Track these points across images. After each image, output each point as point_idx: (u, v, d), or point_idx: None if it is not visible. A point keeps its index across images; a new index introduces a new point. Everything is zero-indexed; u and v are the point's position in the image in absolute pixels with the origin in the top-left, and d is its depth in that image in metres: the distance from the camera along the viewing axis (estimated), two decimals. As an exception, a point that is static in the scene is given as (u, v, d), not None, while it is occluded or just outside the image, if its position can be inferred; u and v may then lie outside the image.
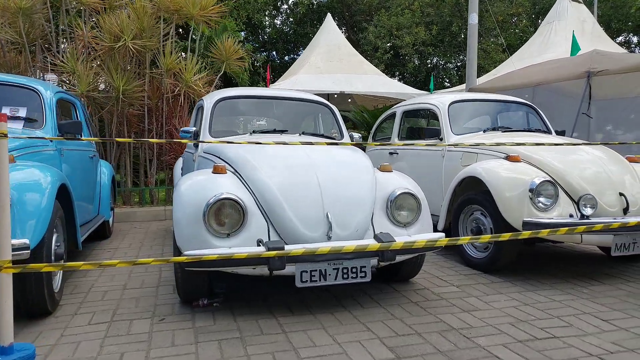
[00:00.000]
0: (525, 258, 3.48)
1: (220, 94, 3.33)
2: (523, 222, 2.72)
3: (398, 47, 20.06)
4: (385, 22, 20.34)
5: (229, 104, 3.29)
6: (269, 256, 1.89)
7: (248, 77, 15.26)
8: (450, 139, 3.72)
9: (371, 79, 13.40)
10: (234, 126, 3.29)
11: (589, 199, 2.70)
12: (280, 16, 24.77)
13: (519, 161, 3.02)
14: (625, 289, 2.72)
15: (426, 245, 2.06)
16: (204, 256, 1.75)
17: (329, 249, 1.85)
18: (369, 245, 1.93)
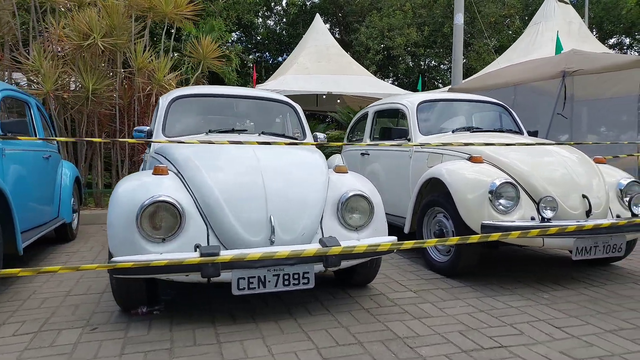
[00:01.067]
0: (492, 261, 3.39)
1: (177, 92, 3.23)
2: (481, 225, 2.64)
3: (390, 48, 20.04)
4: (377, 23, 20.31)
5: (185, 103, 3.18)
6: (192, 263, 1.79)
7: (236, 77, 15.16)
8: (417, 140, 3.64)
9: (360, 80, 13.34)
10: (190, 125, 3.18)
11: (549, 202, 2.61)
12: (273, 17, 24.69)
13: (481, 162, 2.94)
14: (587, 294, 2.64)
15: (367, 250, 1.97)
16: (118, 264, 1.64)
17: (259, 255, 1.76)
18: (305, 250, 1.83)
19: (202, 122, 3.14)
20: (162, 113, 3.06)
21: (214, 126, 3.10)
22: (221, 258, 1.78)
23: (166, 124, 3.03)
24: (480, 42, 20.99)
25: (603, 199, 2.79)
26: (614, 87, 4.92)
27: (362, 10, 23.33)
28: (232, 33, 23.77)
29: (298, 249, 1.90)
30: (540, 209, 2.60)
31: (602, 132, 5.54)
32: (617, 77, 4.90)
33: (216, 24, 14.31)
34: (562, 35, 11.08)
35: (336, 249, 1.89)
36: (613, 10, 21.91)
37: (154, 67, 5.55)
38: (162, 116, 3.05)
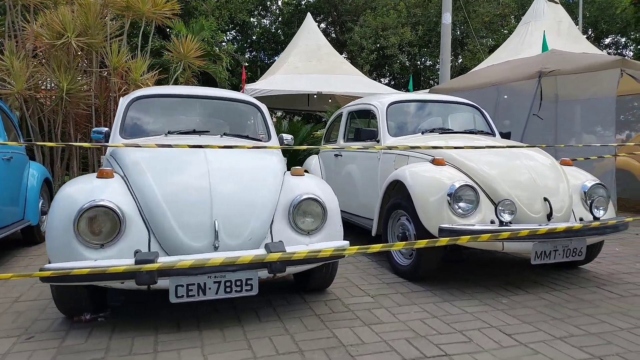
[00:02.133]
0: (459, 264, 3.34)
1: (137, 93, 3.17)
2: (439, 229, 2.59)
3: (384, 48, 19.98)
4: (371, 23, 20.25)
5: (145, 103, 3.12)
6: (116, 272, 1.74)
7: (229, 77, 15.06)
8: (386, 141, 3.59)
9: (351, 79, 13.27)
10: (149, 127, 3.13)
11: (507, 205, 2.57)
12: (269, 17, 24.60)
13: (443, 164, 2.89)
14: (547, 299, 2.60)
15: (308, 257, 1.92)
16: (35, 273, 1.59)
17: (190, 263, 1.71)
18: (240, 257, 1.78)
19: (161, 123, 3.08)
20: (120, 114, 3.01)
21: (174, 127, 3.04)
22: (148, 267, 1.73)
23: (124, 125, 2.97)
24: (474, 41, 20.96)
25: (565, 202, 2.75)
26: (593, 88, 4.89)
27: (356, 10, 23.29)
28: (228, 32, 23.74)
29: (232, 255, 1.85)
30: (498, 213, 2.55)
31: (584, 132, 5.52)
32: (595, 78, 4.87)
33: (206, 23, 14.22)
34: (551, 34, 11.05)
35: (274, 255, 1.84)
36: (608, 9, 21.86)
37: (130, 66, 5.49)
38: (120, 117, 2.99)
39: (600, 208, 2.74)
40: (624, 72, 4.81)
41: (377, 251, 1.96)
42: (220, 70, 14.39)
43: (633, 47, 23.60)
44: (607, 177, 7.00)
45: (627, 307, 2.47)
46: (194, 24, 14.30)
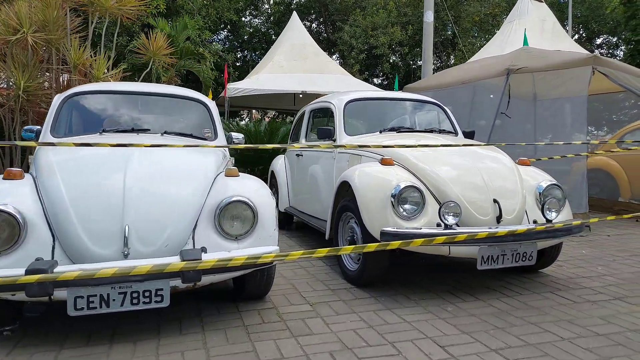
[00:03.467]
0: (414, 268, 3.20)
1: (74, 89, 3.01)
2: (381, 232, 2.45)
3: (374, 47, 19.87)
4: (361, 22, 20.13)
5: (81, 100, 2.96)
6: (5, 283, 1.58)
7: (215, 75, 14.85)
8: (342, 140, 3.45)
9: (336, 79, 13.14)
10: (83, 125, 2.97)
11: (450, 207, 2.43)
12: (261, 16, 24.42)
13: (391, 164, 2.76)
14: (496, 306, 2.47)
15: (216, 266, 1.77)
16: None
17: (76, 275, 1.56)
18: (136, 267, 1.63)
19: (97, 121, 2.92)
20: (53, 112, 2.85)
21: (111, 126, 2.89)
22: (26, 278, 1.58)
23: (56, 123, 2.81)
24: (465, 41, 20.89)
25: (517, 204, 2.61)
26: (564, 86, 4.78)
27: (346, 9, 23.18)
28: (219, 32, 23.52)
29: (126, 266, 1.70)
30: (442, 215, 2.42)
31: (558, 131, 5.40)
32: (569, 76, 4.76)
33: (190, 22, 14.03)
34: (535, 33, 10.97)
35: (175, 265, 1.70)
36: (598, 9, 21.86)
37: (92, 63, 5.31)
38: (52, 115, 2.83)
39: (553, 210, 2.62)
40: (595, 70, 4.71)
41: (298, 257, 1.82)
42: (205, 69, 14.23)
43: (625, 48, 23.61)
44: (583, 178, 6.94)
45: (576, 314, 2.34)
46: (177, 23, 14.12)
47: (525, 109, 5.55)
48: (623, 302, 2.54)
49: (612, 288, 2.78)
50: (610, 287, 2.80)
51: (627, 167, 6.13)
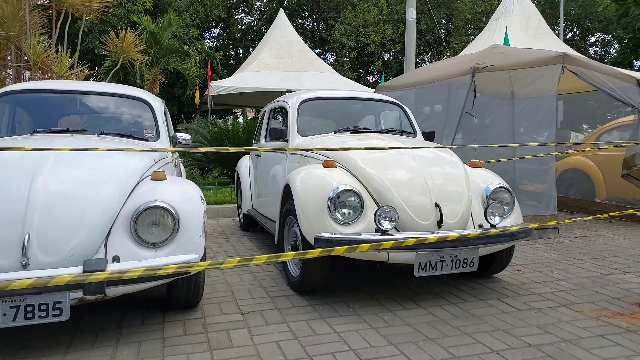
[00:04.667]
0: (366, 271, 3.10)
1: (6, 88, 2.89)
2: (314, 238, 2.35)
3: (365, 45, 19.75)
4: (352, 20, 20.00)
5: (14, 99, 2.84)
6: None
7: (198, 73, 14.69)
8: (294, 141, 3.34)
9: (322, 77, 13.04)
10: (13, 126, 2.86)
11: (386, 212, 2.33)
12: (254, 13, 24.24)
13: (334, 167, 2.66)
14: (436, 314, 2.38)
15: (110, 278, 1.67)
16: None
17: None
18: (15, 281, 1.52)
19: (30, 121, 2.81)
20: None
21: (44, 126, 2.77)
22: None
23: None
24: (457, 39, 20.81)
25: (460, 208, 2.52)
26: (533, 84, 4.69)
27: (337, 7, 23.05)
28: (212, 29, 23.34)
29: (5, 279, 1.59)
30: (377, 220, 2.32)
31: (530, 131, 5.32)
32: (539, 74, 4.67)
33: (174, 20, 13.86)
34: (519, 31, 10.91)
35: (61, 279, 1.58)
36: (591, 7, 21.78)
37: (52, 61, 5.18)
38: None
39: (496, 214, 2.52)
40: (565, 68, 4.62)
41: (204, 268, 1.71)
42: (190, 67, 14.08)
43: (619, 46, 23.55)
44: (561, 179, 6.87)
45: (515, 323, 2.25)
46: (162, 21, 13.95)
47: (504, 108, 5.45)
48: (568, 309, 2.45)
49: (561, 294, 2.70)
50: (560, 293, 2.71)
51: (603, 167, 6.06)
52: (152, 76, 13.03)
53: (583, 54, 21.62)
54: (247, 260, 1.79)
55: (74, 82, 3.13)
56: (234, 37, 23.05)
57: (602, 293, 2.71)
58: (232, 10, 21.90)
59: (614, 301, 2.57)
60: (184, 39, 17.18)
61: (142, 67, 12.84)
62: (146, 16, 14.38)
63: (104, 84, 3.39)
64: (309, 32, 25.68)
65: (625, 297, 2.62)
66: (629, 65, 16.01)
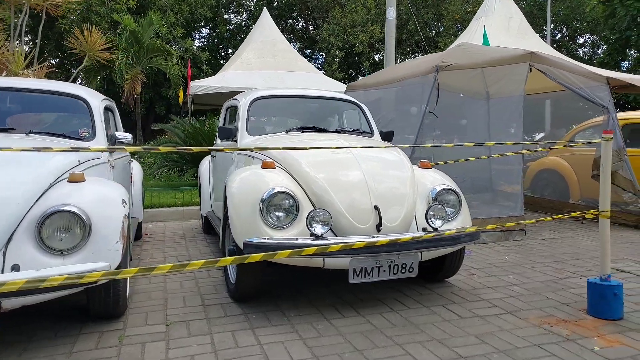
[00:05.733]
0: (311, 277, 2.97)
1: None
2: (243, 244, 2.22)
3: (353, 45, 19.68)
4: (340, 20, 19.92)
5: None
6: None
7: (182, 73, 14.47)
8: (243, 140, 3.21)
9: (305, 76, 12.90)
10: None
11: (319, 216, 2.21)
12: (244, 13, 24.09)
13: (272, 168, 2.53)
14: (374, 322, 2.25)
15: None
16: None
17: None
18: None
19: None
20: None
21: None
22: None
23: None
24: (445, 39, 20.80)
25: (402, 211, 2.40)
26: (500, 83, 4.61)
27: (325, 6, 22.98)
28: (201, 29, 23.13)
29: None
30: (309, 224, 2.19)
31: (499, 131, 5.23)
32: (504, 72, 4.58)
33: (155, 19, 13.65)
34: (500, 30, 10.86)
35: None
36: (578, 7, 21.90)
37: (7, 58, 4.99)
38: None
39: (438, 217, 2.41)
40: (532, 67, 4.54)
41: (130, 276, 1.57)
42: (171, 66, 13.88)
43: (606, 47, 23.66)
44: (537, 180, 6.81)
45: (453, 332, 2.14)
46: (143, 20, 13.74)
47: (480, 108, 5.36)
48: (513, 316, 2.35)
49: (511, 300, 2.59)
50: (510, 299, 2.60)
51: (577, 168, 6.00)
52: (133, 75, 12.84)
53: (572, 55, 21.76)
54: (182, 266, 1.67)
55: (5, 79, 2.97)
56: (223, 37, 22.89)
57: (552, 299, 2.61)
58: (219, 10, 21.69)
59: (562, 307, 2.47)
60: (169, 38, 16.98)
61: (121, 66, 12.66)
62: (129, 15, 14.16)
63: (35, 81, 3.23)
64: (299, 32, 25.58)
65: (574, 303, 2.52)
66: (615, 66, 16.10)
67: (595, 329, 2.17)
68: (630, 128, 5.75)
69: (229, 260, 1.75)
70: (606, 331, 2.14)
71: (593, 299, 2.33)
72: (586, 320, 2.28)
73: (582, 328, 2.18)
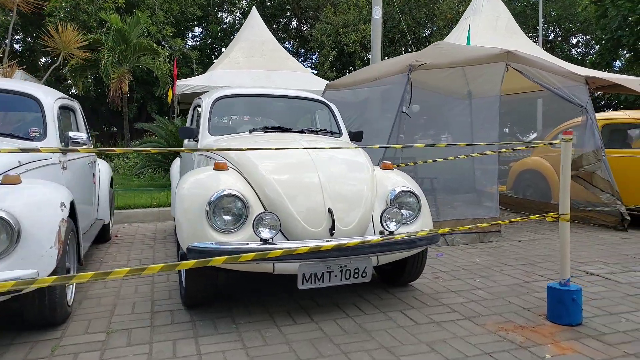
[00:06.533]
0: (271, 281, 2.89)
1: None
2: (187, 249, 2.13)
3: (345, 45, 19.62)
4: (332, 19, 19.85)
5: None
6: None
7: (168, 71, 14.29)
8: (204, 141, 3.12)
9: (294, 76, 12.80)
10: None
11: (265, 219, 2.12)
12: (238, 12, 23.96)
13: (225, 169, 2.44)
14: (325, 329, 2.17)
15: None
16: None
17: None
18: None
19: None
20: None
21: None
22: None
23: None
24: (437, 39, 20.76)
25: (358, 214, 2.32)
26: (476, 82, 4.55)
27: (317, 6, 22.91)
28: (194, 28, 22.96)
29: None
30: (255, 228, 2.11)
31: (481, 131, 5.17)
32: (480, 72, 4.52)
33: (142, 17, 13.50)
34: (487, 30, 10.83)
35: None
36: (571, 7, 21.94)
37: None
38: None
39: (393, 220, 2.33)
40: (509, 66, 4.48)
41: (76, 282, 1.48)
42: (159, 65, 13.74)
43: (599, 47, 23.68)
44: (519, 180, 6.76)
45: (406, 339, 2.06)
46: (130, 18, 13.58)
47: (461, 108, 5.30)
48: (471, 322, 2.27)
49: (472, 305, 2.52)
50: (471, 304, 2.53)
51: (558, 168, 5.94)
52: (120, 74, 12.68)
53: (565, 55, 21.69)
54: (139, 270, 1.59)
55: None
56: (216, 36, 22.75)
57: (515, 303, 2.54)
58: (210, 9, 21.54)
59: (523, 312, 2.40)
60: (158, 37, 16.82)
61: (107, 65, 12.50)
62: (117, 13, 13.99)
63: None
64: (293, 32, 25.48)
65: (536, 308, 2.45)
66: (607, 66, 16.11)
67: (551, 335, 2.10)
68: (611, 128, 5.71)
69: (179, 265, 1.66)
70: (562, 337, 2.07)
71: (552, 304, 2.26)
72: (544, 326, 2.21)
73: (538, 334, 2.11)
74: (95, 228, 3.58)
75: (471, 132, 5.05)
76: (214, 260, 1.71)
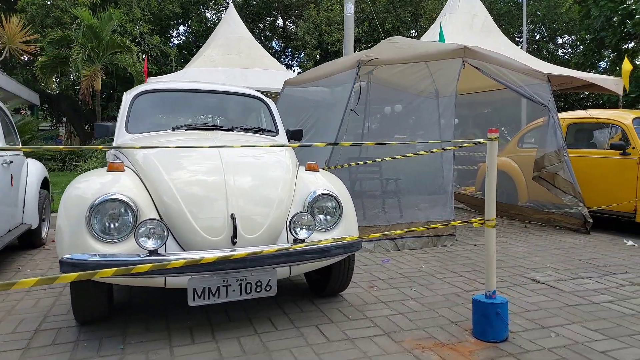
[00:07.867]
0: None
1: None
2: (60, 261, 1.89)
3: (328, 43, 19.43)
4: (315, 18, 19.65)
5: None
6: None
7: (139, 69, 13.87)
8: (120, 139, 2.86)
9: (270, 74, 12.54)
10: None
11: (148, 227, 1.88)
12: (220, 11, 23.60)
13: (120, 170, 2.19)
14: (224, 350, 1.93)
15: None
16: None
17: None
18: None
19: None
20: None
21: None
22: None
23: None
24: (423, 38, 20.68)
25: (266, 220, 2.09)
26: (430, 79, 4.35)
27: (301, 4, 22.68)
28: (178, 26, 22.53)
29: None
30: (137, 238, 1.87)
31: (431, 131, 4.98)
32: (437, 67, 4.33)
33: (114, 13, 13.10)
34: (464, 28, 10.69)
35: None
36: (556, 8, 22.04)
37: None
38: None
39: (303, 227, 2.11)
40: (466, 63, 4.30)
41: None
42: (132, 62, 13.37)
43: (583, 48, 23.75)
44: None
45: None
46: (102, 14, 13.18)
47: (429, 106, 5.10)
48: (388, 338, 2.06)
49: (397, 318, 2.31)
50: (396, 317, 2.32)
51: (525, 169, 5.80)
52: (91, 72, 12.29)
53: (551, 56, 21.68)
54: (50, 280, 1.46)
55: None
56: (200, 34, 22.38)
57: (444, 315, 2.34)
58: (192, 7, 21.15)
59: (449, 326, 2.20)
60: (135, 34, 16.41)
61: (77, 62, 12.10)
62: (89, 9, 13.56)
63: None
64: (279, 30, 25.18)
65: (464, 321, 2.25)
66: (591, 67, 16.12)
67: (470, 354, 1.90)
68: (576, 128, 5.58)
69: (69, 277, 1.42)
70: (481, 357, 1.87)
71: (477, 319, 2.06)
72: (466, 343, 2.01)
73: (456, 353, 1.90)
74: (13, 234, 3.31)
75: (439, 131, 4.87)
76: (100, 273, 1.48)
